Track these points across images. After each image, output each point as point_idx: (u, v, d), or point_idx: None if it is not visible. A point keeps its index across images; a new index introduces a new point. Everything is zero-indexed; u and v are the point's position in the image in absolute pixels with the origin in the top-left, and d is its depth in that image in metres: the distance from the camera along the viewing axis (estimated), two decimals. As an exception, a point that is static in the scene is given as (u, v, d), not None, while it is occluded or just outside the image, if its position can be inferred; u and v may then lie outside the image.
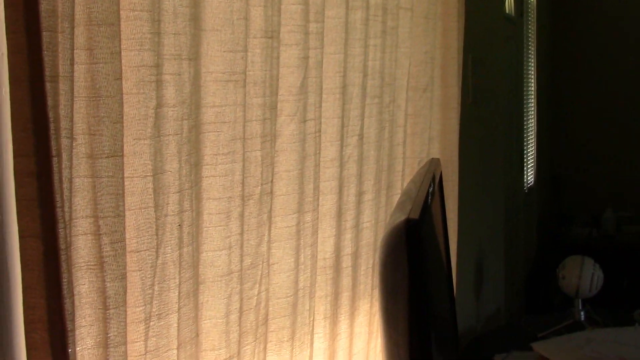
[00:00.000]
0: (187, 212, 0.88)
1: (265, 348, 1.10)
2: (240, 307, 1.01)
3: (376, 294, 1.52)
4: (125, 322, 0.77)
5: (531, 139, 4.08)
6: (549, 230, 4.41)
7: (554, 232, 4.41)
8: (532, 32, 4.02)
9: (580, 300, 2.28)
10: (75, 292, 0.73)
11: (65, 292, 0.69)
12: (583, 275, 2.22)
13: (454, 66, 1.73)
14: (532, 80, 4.09)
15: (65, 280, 0.69)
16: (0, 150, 0.69)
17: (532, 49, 4.05)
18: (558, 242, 4.25)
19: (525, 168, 3.81)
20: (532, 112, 4.13)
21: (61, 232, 0.68)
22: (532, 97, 4.11)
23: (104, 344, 0.75)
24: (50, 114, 0.67)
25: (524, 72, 3.78)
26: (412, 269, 0.95)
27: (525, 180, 3.81)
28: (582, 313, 2.28)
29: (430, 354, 0.99)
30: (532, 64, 4.06)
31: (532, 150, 4.10)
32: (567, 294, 2.30)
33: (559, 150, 4.72)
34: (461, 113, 1.81)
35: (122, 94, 0.74)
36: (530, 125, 4.04)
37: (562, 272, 2.28)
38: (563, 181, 4.71)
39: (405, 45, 1.56)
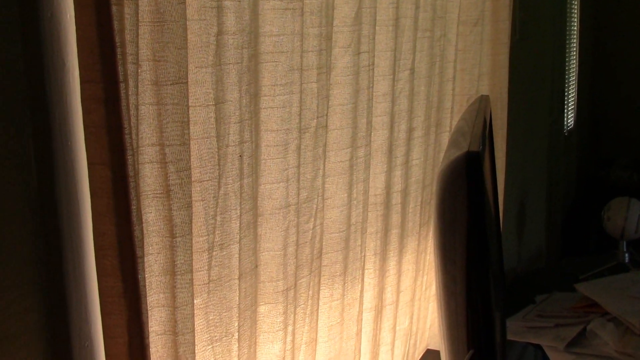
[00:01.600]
0: (247, 143, 0.87)
1: (319, 282, 1.11)
2: (297, 240, 1.01)
3: (423, 231, 1.52)
4: (191, 250, 0.77)
5: (572, 79, 3.98)
6: (589, 173, 4.34)
7: (594, 175, 4.34)
8: (577, -32, 3.86)
9: (624, 242, 2.25)
10: (142, 220, 0.73)
11: (134, 219, 0.69)
12: (629, 216, 2.18)
13: (505, -1, 1.68)
14: (575, 19, 3.96)
15: (134, 207, 0.69)
16: (67, 76, 0.69)
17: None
18: (598, 185, 4.19)
19: (566, 109, 3.73)
20: (574, 52, 4.01)
21: (130, 160, 0.68)
22: (575, 35, 3.99)
23: (171, 271, 0.76)
24: (117, 39, 0.66)
25: (568, 9, 3.65)
26: (472, 201, 0.93)
27: (565, 122, 3.73)
28: (626, 255, 2.25)
29: (488, 288, 0.98)
30: (576, 1, 3.92)
31: (573, 92, 4.00)
32: (612, 236, 2.28)
33: (599, 92, 4.60)
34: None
35: (185, 19, 0.72)
36: (572, 65, 3.93)
37: (608, 214, 2.24)
38: (603, 124, 4.60)
39: (457, -23, 1.51)
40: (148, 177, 0.74)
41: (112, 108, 0.67)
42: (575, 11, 3.94)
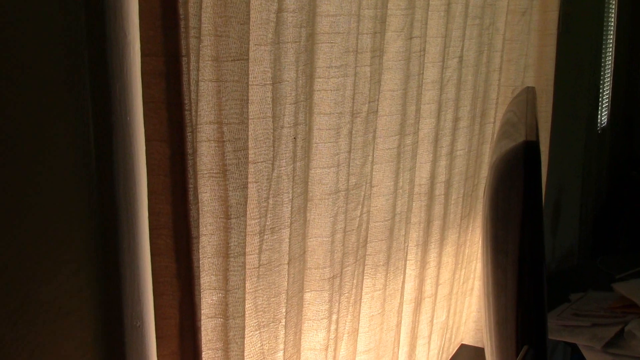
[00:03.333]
0: (301, 125, 0.84)
1: (363, 271, 1.08)
2: (344, 227, 0.98)
3: (464, 224, 1.49)
4: (245, 232, 0.75)
5: (608, 77, 3.90)
6: (620, 172, 4.27)
7: (625, 174, 4.27)
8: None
9: (663, 243, 2.20)
10: (198, 200, 0.71)
11: (191, 198, 0.67)
12: (670, 216, 2.12)
13: (554, -11, 1.63)
14: (613, 15, 3.88)
15: (191, 186, 0.67)
16: (128, 48, 0.67)
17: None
18: (629, 184, 4.12)
19: (600, 107, 3.65)
20: (610, 49, 3.93)
21: (189, 137, 0.66)
22: (612, 32, 3.91)
23: (224, 253, 0.74)
24: (181, 11, 0.63)
25: (606, 5, 3.57)
26: (528, 192, 0.90)
27: (599, 120, 3.66)
28: (664, 255, 2.20)
29: (541, 281, 0.95)
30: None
31: (607, 89, 3.92)
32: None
33: (634, 91, 4.51)
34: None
35: (249, -7, 0.70)
36: (607, 63, 3.85)
37: (647, 213, 2.19)
38: (636, 123, 4.52)
39: (507, -36, 1.47)
40: (205, 156, 0.72)
41: (173, 83, 0.65)
42: (613, 7, 3.86)
